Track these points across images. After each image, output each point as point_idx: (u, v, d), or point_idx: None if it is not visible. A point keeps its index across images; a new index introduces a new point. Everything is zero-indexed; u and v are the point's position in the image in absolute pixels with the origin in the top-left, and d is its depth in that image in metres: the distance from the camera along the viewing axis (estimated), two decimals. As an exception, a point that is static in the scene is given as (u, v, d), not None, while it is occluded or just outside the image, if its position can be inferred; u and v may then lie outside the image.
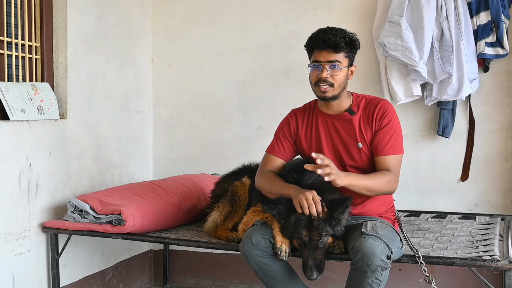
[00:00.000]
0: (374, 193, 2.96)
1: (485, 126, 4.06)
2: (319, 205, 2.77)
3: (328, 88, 2.98)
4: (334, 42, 2.95)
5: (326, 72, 2.97)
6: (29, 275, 3.45)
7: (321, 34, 3.00)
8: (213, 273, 4.62)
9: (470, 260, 2.81)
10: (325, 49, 2.96)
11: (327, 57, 2.97)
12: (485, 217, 3.87)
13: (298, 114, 3.24)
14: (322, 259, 2.82)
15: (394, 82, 3.97)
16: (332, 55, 2.97)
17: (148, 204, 3.51)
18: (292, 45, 4.39)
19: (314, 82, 3.02)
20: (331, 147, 3.10)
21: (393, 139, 3.02)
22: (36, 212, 3.48)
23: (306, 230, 2.80)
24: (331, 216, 2.82)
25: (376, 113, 3.05)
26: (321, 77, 2.98)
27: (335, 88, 3.00)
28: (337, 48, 2.96)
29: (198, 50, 4.62)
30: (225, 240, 3.28)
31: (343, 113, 3.09)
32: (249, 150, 4.48)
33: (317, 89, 3.02)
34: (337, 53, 2.97)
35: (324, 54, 2.97)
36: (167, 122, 4.72)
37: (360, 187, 2.90)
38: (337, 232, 2.84)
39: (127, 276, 4.36)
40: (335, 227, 2.83)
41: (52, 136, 3.60)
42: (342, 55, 2.99)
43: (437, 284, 2.84)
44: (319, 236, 2.80)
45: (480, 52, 3.88)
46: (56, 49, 3.72)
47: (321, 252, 2.81)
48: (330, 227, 2.82)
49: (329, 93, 2.99)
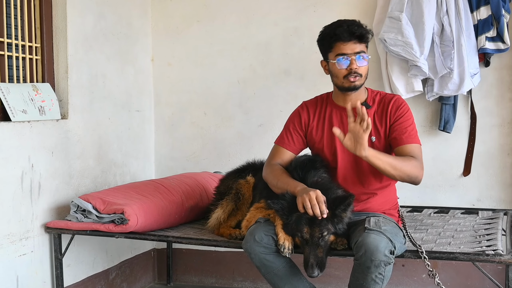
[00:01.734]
0: (399, 172, 2.89)
1: (486, 121, 4.06)
2: (322, 205, 2.74)
3: (358, 79, 2.99)
4: (361, 33, 2.97)
5: (356, 63, 2.97)
6: (33, 275, 3.46)
7: (345, 26, 2.98)
8: (217, 271, 4.62)
9: (473, 254, 2.81)
10: (352, 40, 2.96)
11: (354, 49, 2.97)
12: (487, 212, 3.86)
13: (309, 106, 3.23)
14: (324, 256, 2.81)
15: (395, 77, 3.97)
16: (358, 46, 2.97)
17: (150, 202, 3.51)
18: (292, 42, 4.39)
19: (343, 75, 3.00)
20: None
21: (410, 129, 3.02)
22: (39, 213, 3.48)
23: (308, 227, 2.79)
24: (333, 214, 2.81)
25: (390, 107, 3.05)
26: (352, 69, 2.97)
27: (363, 77, 3.02)
28: (363, 39, 2.98)
29: (199, 48, 4.62)
30: (228, 237, 3.27)
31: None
32: (251, 147, 4.49)
33: (346, 81, 3.01)
34: (362, 43, 2.99)
35: (350, 45, 2.97)
36: (168, 121, 4.72)
37: (384, 162, 2.85)
38: (339, 230, 2.83)
39: (130, 275, 4.36)
40: (337, 225, 2.82)
41: (54, 137, 3.60)
42: (364, 46, 3.01)
43: (441, 279, 2.83)
44: (321, 234, 2.79)
45: (481, 47, 3.88)
46: (57, 50, 3.72)
47: (322, 249, 2.80)
48: (332, 225, 2.81)
49: (358, 82, 3.01)
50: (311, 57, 4.32)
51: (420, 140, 3.06)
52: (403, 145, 3.00)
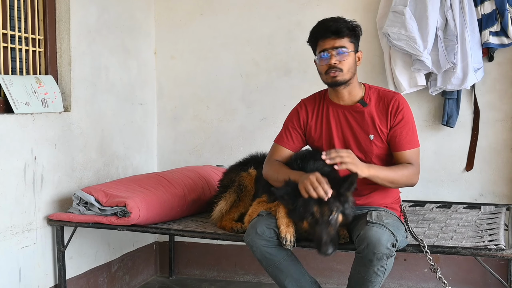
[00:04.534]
0: (396, 185, 2.99)
1: (490, 115, 4.05)
2: (324, 185, 2.74)
3: (337, 73, 2.98)
4: (336, 28, 2.97)
5: (335, 58, 2.96)
6: (35, 267, 3.46)
7: (322, 24, 3.04)
8: (219, 264, 4.63)
9: (475, 249, 2.81)
10: (329, 36, 2.97)
11: (332, 44, 2.97)
12: (490, 206, 3.86)
13: (308, 104, 3.23)
14: (336, 234, 2.79)
15: (398, 72, 3.96)
16: (337, 41, 2.97)
17: (153, 195, 3.51)
18: (295, 36, 4.38)
19: (324, 71, 3.01)
20: (342, 138, 3.09)
21: (410, 133, 3.02)
22: (41, 205, 3.49)
23: (317, 207, 2.77)
24: (338, 193, 2.79)
25: (391, 108, 3.03)
26: (331, 64, 2.97)
27: (345, 73, 2.98)
28: (340, 33, 2.97)
29: (202, 42, 4.62)
30: (230, 230, 3.28)
31: (355, 104, 3.07)
32: (253, 141, 4.49)
33: (328, 77, 3.01)
34: (341, 38, 2.98)
35: (328, 41, 2.98)
36: (171, 114, 4.72)
37: (382, 179, 2.90)
38: (346, 209, 2.81)
39: (132, 268, 4.37)
40: (344, 204, 2.81)
41: (57, 129, 3.60)
42: (346, 40, 2.99)
43: (442, 273, 2.84)
44: (330, 211, 2.77)
45: (485, 42, 3.87)
46: (60, 42, 3.72)
47: (333, 227, 2.78)
48: (339, 203, 2.80)
49: (339, 77, 2.98)
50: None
51: (419, 141, 3.07)
52: (402, 151, 3.02)
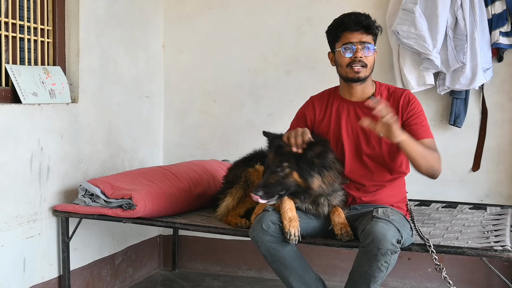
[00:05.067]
0: (426, 162, 2.88)
1: (497, 116, 4.04)
2: (300, 139, 2.82)
3: (361, 69, 2.99)
4: (368, 23, 2.98)
5: (361, 52, 2.97)
6: (40, 258, 3.47)
7: (353, 16, 3.01)
8: (222, 259, 4.63)
9: (481, 250, 2.80)
10: (359, 30, 2.98)
11: (360, 38, 2.98)
12: (496, 207, 3.84)
13: (316, 101, 3.23)
14: (275, 184, 2.85)
15: (406, 70, 3.95)
16: (364, 36, 2.98)
17: (158, 189, 3.51)
18: (305, 31, 4.37)
19: (347, 63, 3.00)
20: (351, 134, 3.08)
21: (424, 123, 3.02)
22: (47, 196, 3.49)
23: (273, 154, 2.90)
24: (304, 154, 2.85)
25: (402, 102, 3.04)
26: (356, 57, 2.97)
27: (367, 69, 3.01)
28: (369, 29, 2.99)
29: (210, 36, 4.61)
30: (234, 226, 3.28)
31: (366, 100, 3.06)
32: (260, 136, 4.38)
33: (350, 70, 3.00)
34: (369, 35, 2.99)
35: (356, 35, 2.98)
36: (178, 108, 4.71)
37: (415, 150, 2.84)
38: (303, 171, 2.86)
39: (136, 260, 4.38)
40: (303, 164, 2.85)
41: (64, 120, 3.60)
42: (371, 38, 3.01)
43: (447, 274, 2.82)
44: (279, 163, 2.85)
45: (495, 42, 3.85)
46: (68, 33, 3.72)
47: (276, 178, 2.85)
48: (295, 161, 2.85)
49: (362, 73, 3.00)
50: (323, 47, 4.23)
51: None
52: (420, 140, 2.97)
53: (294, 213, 2.91)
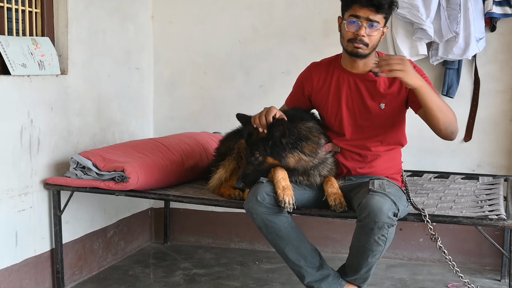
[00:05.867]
0: (444, 117, 2.83)
1: (490, 86, 4.04)
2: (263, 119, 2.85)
3: (362, 46, 2.91)
4: (379, 1, 2.85)
5: (364, 30, 2.88)
6: (32, 231, 3.44)
7: None
8: (214, 231, 4.62)
9: (476, 219, 2.81)
10: (368, 6, 2.86)
11: (367, 15, 2.87)
12: (488, 177, 3.86)
13: (315, 70, 3.19)
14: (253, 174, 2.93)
15: (399, 40, 3.92)
16: (373, 14, 2.87)
17: (151, 161, 3.48)
18: (295, 1, 4.32)
19: (349, 38, 2.93)
20: (351, 106, 3.05)
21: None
22: (38, 168, 3.44)
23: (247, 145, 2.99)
24: (270, 136, 2.87)
25: None
26: (359, 34, 2.89)
27: (369, 47, 2.93)
28: (380, 8, 2.87)
29: (200, 7, 4.54)
30: (228, 198, 3.26)
31: (368, 73, 3.02)
32: (251, 108, 4.36)
33: (350, 45, 2.93)
34: (378, 13, 2.88)
35: (365, 10, 2.87)
36: (168, 80, 4.66)
37: (431, 100, 2.78)
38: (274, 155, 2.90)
39: (128, 233, 4.36)
40: (273, 147, 2.88)
41: (53, 92, 3.54)
42: (381, 16, 2.90)
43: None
44: (251, 152, 2.93)
45: (488, 11, 3.83)
46: (57, 3, 3.63)
47: (252, 168, 2.94)
48: (265, 146, 2.89)
49: (361, 50, 2.92)
50: (314, 18, 4.26)
51: None
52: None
53: (288, 182, 2.89)
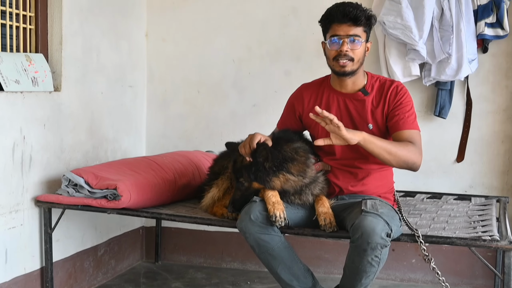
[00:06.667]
0: (395, 157, 2.85)
1: (482, 107, 4.06)
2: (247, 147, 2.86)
3: (347, 63, 2.95)
4: (355, 15, 2.91)
5: (347, 45, 2.93)
6: (22, 249, 3.40)
7: (341, 7, 2.95)
8: (205, 251, 4.59)
9: (470, 240, 2.80)
10: (346, 22, 2.92)
11: (347, 31, 2.93)
12: (480, 198, 3.86)
13: (305, 90, 3.22)
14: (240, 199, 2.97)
15: (392, 61, 3.94)
16: (352, 29, 2.93)
17: (143, 179, 3.46)
18: (290, 22, 4.33)
19: (333, 56, 2.97)
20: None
21: (409, 114, 2.99)
22: (29, 186, 3.42)
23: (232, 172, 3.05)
24: (254, 162, 2.88)
25: (390, 93, 3.02)
26: (342, 51, 2.93)
27: (354, 62, 2.96)
28: (357, 21, 2.92)
29: (194, 25, 4.55)
30: (220, 217, 3.24)
31: (357, 92, 3.04)
32: (244, 127, 4.43)
33: (336, 64, 2.97)
34: (357, 27, 2.93)
35: (344, 27, 2.93)
36: (161, 98, 4.65)
37: (379, 147, 2.81)
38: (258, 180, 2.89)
39: (119, 252, 4.32)
40: (257, 172, 2.87)
41: (46, 109, 3.52)
42: (361, 30, 2.95)
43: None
44: (237, 179, 2.97)
45: (480, 33, 3.86)
46: (51, 20, 3.63)
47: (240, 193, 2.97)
48: (249, 172, 2.89)
49: (348, 67, 2.96)
50: (308, 38, 4.28)
51: (419, 127, 3.03)
52: (401, 131, 2.97)
53: (278, 198, 2.89)
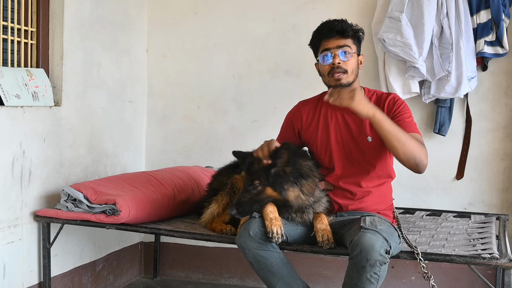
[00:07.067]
0: (403, 147, 2.79)
1: (482, 125, 4.06)
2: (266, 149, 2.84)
3: (342, 75, 2.97)
4: (341, 27, 2.97)
5: (338, 58, 2.97)
6: (20, 264, 3.39)
7: (326, 24, 3.03)
8: (204, 267, 4.58)
9: (469, 257, 2.79)
10: (334, 36, 2.97)
11: (336, 43, 2.97)
12: (480, 216, 3.85)
13: (303, 107, 3.23)
14: (247, 202, 2.86)
15: (392, 78, 3.95)
16: (341, 41, 2.98)
17: (143, 195, 3.46)
18: (290, 38, 4.35)
19: (327, 72, 3.00)
20: (340, 140, 3.07)
21: (410, 120, 2.98)
22: (28, 200, 3.42)
23: (245, 173, 2.94)
24: (273, 165, 2.85)
25: (387, 103, 3.04)
26: (334, 64, 2.97)
27: (349, 74, 2.99)
28: (344, 33, 2.97)
29: (195, 41, 4.57)
30: (219, 233, 3.23)
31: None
32: (244, 143, 4.43)
33: (331, 79, 3.00)
34: (346, 38, 2.98)
35: (332, 41, 2.98)
36: (161, 113, 4.66)
37: (389, 130, 2.78)
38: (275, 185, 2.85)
39: (117, 267, 4.31)
40: (275, 177, 2.84)
41: (46, 123, 3.53)
42: (350, 41, 3.00)
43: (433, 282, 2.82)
44: (251, 181, 2.87)
45: (479, 51, 3.87)
46: (52, 35, 3.66)
47: (249, 196, 2.86)
48: (267, 176, 2.84)
49: (344, 79, 2.98)
50: (308, 55, 4.23)
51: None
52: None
53: (276, 214, 2.88)
